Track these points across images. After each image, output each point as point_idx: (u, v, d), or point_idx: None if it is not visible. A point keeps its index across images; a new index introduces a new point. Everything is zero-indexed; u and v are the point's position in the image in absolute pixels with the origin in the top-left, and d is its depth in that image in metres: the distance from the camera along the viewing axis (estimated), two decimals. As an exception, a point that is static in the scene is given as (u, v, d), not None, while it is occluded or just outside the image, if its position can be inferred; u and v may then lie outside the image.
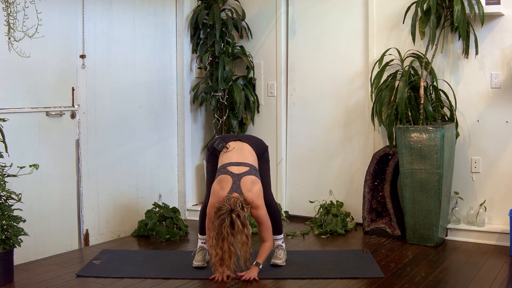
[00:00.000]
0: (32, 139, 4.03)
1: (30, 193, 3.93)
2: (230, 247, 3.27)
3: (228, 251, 3.27)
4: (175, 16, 5.32)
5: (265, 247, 3.62)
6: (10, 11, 3.67)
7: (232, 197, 3.37)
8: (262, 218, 3.56)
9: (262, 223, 3.58)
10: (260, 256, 3.61)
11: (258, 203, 3.53)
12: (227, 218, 3.27)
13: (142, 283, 3.52)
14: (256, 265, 3.58)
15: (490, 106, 4.44)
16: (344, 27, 5.04)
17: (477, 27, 4.36)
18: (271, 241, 3.65)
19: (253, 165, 3.64)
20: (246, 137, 3.92)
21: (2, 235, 3.43)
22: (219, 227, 3.28)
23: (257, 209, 3.53)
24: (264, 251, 3.62)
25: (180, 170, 5.36)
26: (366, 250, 4.16)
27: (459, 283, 3.46)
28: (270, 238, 3.63)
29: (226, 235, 3.26)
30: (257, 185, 3.57)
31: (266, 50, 5.40)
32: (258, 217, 3.56)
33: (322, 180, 5.20)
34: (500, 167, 4.43)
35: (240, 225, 3.28)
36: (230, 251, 3.27)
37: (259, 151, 3.81)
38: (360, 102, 4.98)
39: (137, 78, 4.90)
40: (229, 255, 3.27)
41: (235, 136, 3.89)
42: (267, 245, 3.62)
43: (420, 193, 4.27)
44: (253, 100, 5.35)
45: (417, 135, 4.23)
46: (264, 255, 3.62)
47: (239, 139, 3.82)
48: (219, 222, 3.28)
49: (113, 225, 4.69)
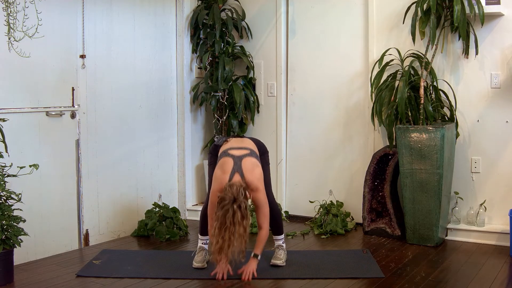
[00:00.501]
0: (32, 139, 4.03)
1: (30, 193, 3.93)
2: (231, 236, 3.28)
3: (228, 241, 3.28)
4: (175, 16, 5.32)
5: (261, 236, 3.60)
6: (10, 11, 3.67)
7: (234, 185, 3.38)
8: (261, 202, 3.56)
9: (260, 207, 3.57)
10: (257, 247, 3.61)
11: (259, 185, 3.53)
12: (230, 209, 3.29)
13: (142, 283, 3.52)
14: (254, 257, 3.59)
15: (490, 106, 4.44)
16: (344, 27, 5.04)
17: (477, 27, 4.36)
18: (267, 228, 3.62)
19: (253, 150, 3.67)
20: (247, 136, 3.95)
21: (2, 235, 3.43)
22: (222, 218, 3.29)
23: (257, 192, 3.53)
24: (261, 241, 3.61)
25: (180, 170, 5.36)
26: (366, 250, 4.16)
27: (459, 283, 3.46)
28: (266, 225, 3.61)
29: (229, 225, 3.28)
30: (258, 168, 3.58)
31: (266, 50, 5.40)
32: (256, 200, 3.56)
33: (322, 180, 5.20)
34: (500, 167, 4.43)
35: (240, 217, 3.29)
36: (230, 240, 3.29)
37: (260, 147, 3.83)
38: (360, 102, 4.98)
39: (137, 78, 4.90)
40: (228, 244, 3.29)
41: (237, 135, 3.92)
42: (263, 234, 3.60)
43: (420, 193, 4.27)
44: (253, 100, 5.35)
45: (417, 135, 4.23)
46: (261, 245, 3.61)
47: (240, 136, 3.85)
48: (222, 213, 3.30)
49: (113, 225, 4.69)
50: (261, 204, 3.57)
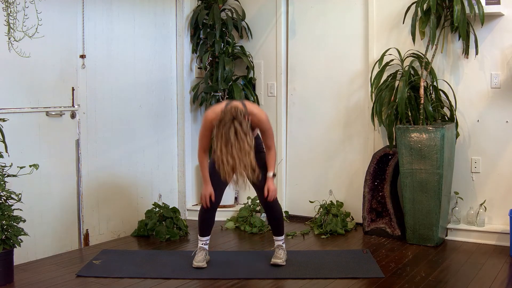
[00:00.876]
0: (32, 139, 4.03)
1: (30, 193, 3.93)
2: (239, 153, 3.25)
3: (238, 158, 3.25)
4: (175, 16, 5.32)
5: (271, 155, 3.69)
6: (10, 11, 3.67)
7: (232, 106, 3.36)
8: (265, 125, 3.59)
9: (265, 131, 3.61)
10: (270, 166, 3.68)
11: (261, 114, 3.56)
12: (232, 125, 3.26)
13: (142, 283, 3.52)
14: (271, 177, 3.67)
15: (490, 106, 4.44)
16: (344, 27, 5.04)
17: (477, 27, 4.36)
18: (274, 148, 3.70)
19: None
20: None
21: (2, 235, 3.43)
22: (226, 135, 3.25)
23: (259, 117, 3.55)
24: (272, 159, 3.69)
25: (180, 170, 5.36)
26: (366, 250, 4.16)
27: (459, 283, 3.46)
28: (273, 146, 3.69)
29: (233, 141, 3.24)
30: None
31: (266, 50, 5.40)
32: (260, 124, 3.57)
33: (322, 180, 5.20)
34: (500, 167, 4.43)
35: (242, 133, 3.27)
36: (239, 157, 3.25)
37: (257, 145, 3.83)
38: (360, 102, 4.98)
39: (137, 78, 4.90)
40: (239, 161, 3.25)
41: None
42: (272, 153, 3.68)
43: (420, 193, 4.27)
44: (253, 100, 5.35)
45: (417, 135, 4.23)
46: (273, 163, 3.70)
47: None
48: (225, 130, 3.26)
49: (113, 225, 4.69)
50: (266, 128, 3.60)
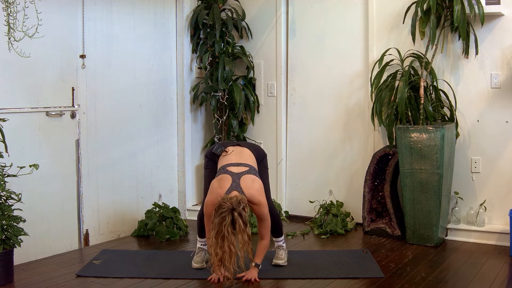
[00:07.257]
0: (32, 139, 4.03)
1: (30, 193, 3.93)
2: (231, 246, 3.15)
3: (228, 252, 3.15)
4: (175, 16, 5.32)
5: (262, 245, 3.57)
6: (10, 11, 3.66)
7: (234, 196, 3.28)
8: (264, 215, 3.50)
9: (263, 220, 3.52)
10: (258, 256, 3.57)
11: (261, 199, 3.46)
12: (228, 216, 3.16)
13: (142, 283, 3.52)
14: (255, 266, 3.56)
15: (490, 106, 4.44)
16: (344, 27, 5.04)
17: (477, 27, 4.36)
18: (268, 239, 3.59)
19: (252, 166, 3.61)
20: (245, 143, 3.91)
21: (2, 235, 3.43)
22: (219, 226, 3.16)
23: (260, 206, 3.46)
24: (262, 251, 3.58)
25: (180, 170, 5.36)
26: (366, 250, 4.16)
27: (459, 283, 3.46)
28: (268, 236, 3.58)
29: (226, 234, 3.14)
30: (257, 182, 3.49)
31: (266, 50, 5.40)
32: (260, 214, 3.50)
33: (322, 180, 5.20)
34: (500, 167, 4.43)
35: (242, 225, 3.18)
36: (230, 251, 3.15)
37: (259, 156, 3.78)
38: (360, 102, 4.98)
39: (137, 78, 4.90)
40: (229, 255, 3.15)
41: (234, 142, 3.87)
42: (264, 244, 3.57)
43: (420, 193, 4.27)
44: (253, 100, 5.35)
45: (417, 135, 4.23)
46: (262, 254, 3.59)
47: (238, 144, 3.80)
48: (219, 220, 3.17)
49: (113, 225, 4.69)
50: (264, 217, 3.51)
